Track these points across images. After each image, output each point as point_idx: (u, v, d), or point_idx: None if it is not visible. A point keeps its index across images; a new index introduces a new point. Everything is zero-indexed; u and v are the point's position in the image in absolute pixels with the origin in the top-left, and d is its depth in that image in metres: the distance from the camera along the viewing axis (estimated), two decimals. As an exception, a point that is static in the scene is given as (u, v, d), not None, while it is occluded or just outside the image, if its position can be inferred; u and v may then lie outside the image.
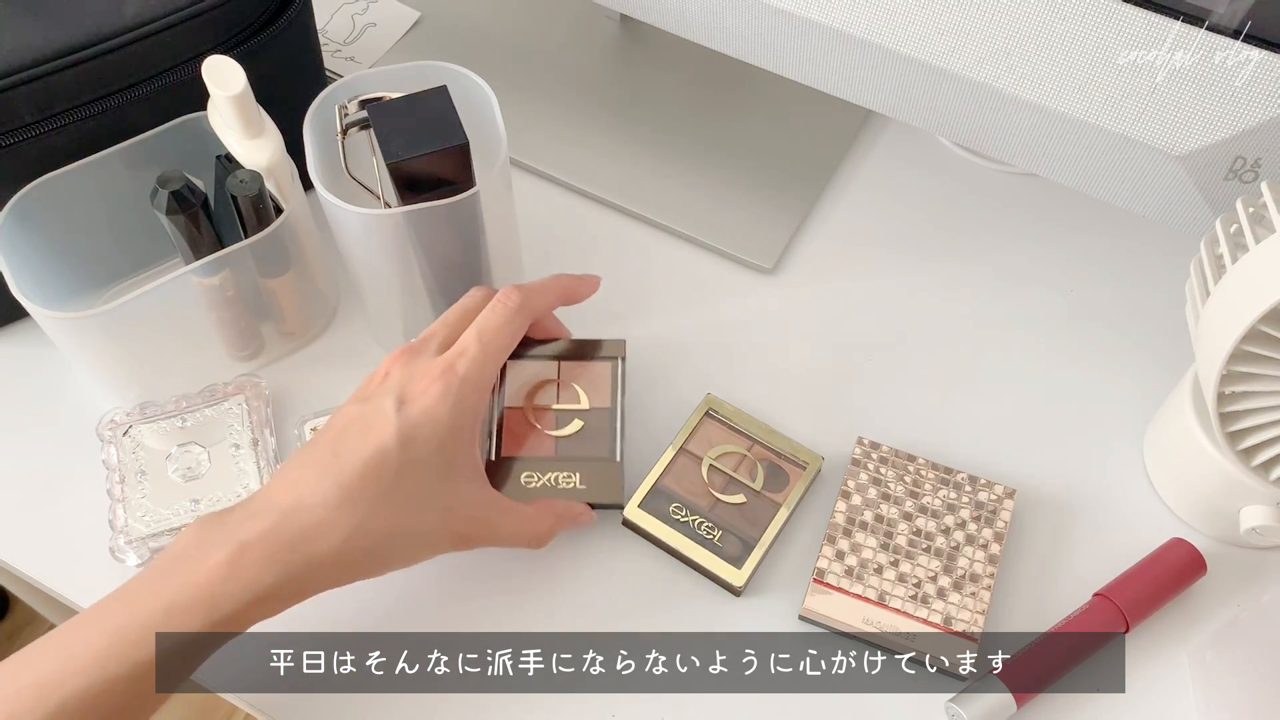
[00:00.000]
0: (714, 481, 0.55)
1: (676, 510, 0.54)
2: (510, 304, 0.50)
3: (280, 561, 0.43)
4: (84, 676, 0.40)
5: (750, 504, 0.55)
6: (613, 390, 0.55)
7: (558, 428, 0.53)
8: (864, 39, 0.52)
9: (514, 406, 0.54)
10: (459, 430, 0.46)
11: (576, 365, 0.55)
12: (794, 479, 0.56)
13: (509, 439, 0.53)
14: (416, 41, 0.74)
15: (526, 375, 0.55)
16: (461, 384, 0.47)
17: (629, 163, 0.68)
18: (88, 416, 0.57)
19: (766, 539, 0.53)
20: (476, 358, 0.48)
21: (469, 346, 0.48)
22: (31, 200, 0.54)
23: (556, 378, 0.55)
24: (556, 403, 0.54)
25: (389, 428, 0.45)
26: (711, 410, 0.57)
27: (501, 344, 0.49)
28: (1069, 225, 0.66)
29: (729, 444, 0.56)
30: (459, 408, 0.46)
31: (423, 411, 0.45)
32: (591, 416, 0.54)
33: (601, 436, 0.53)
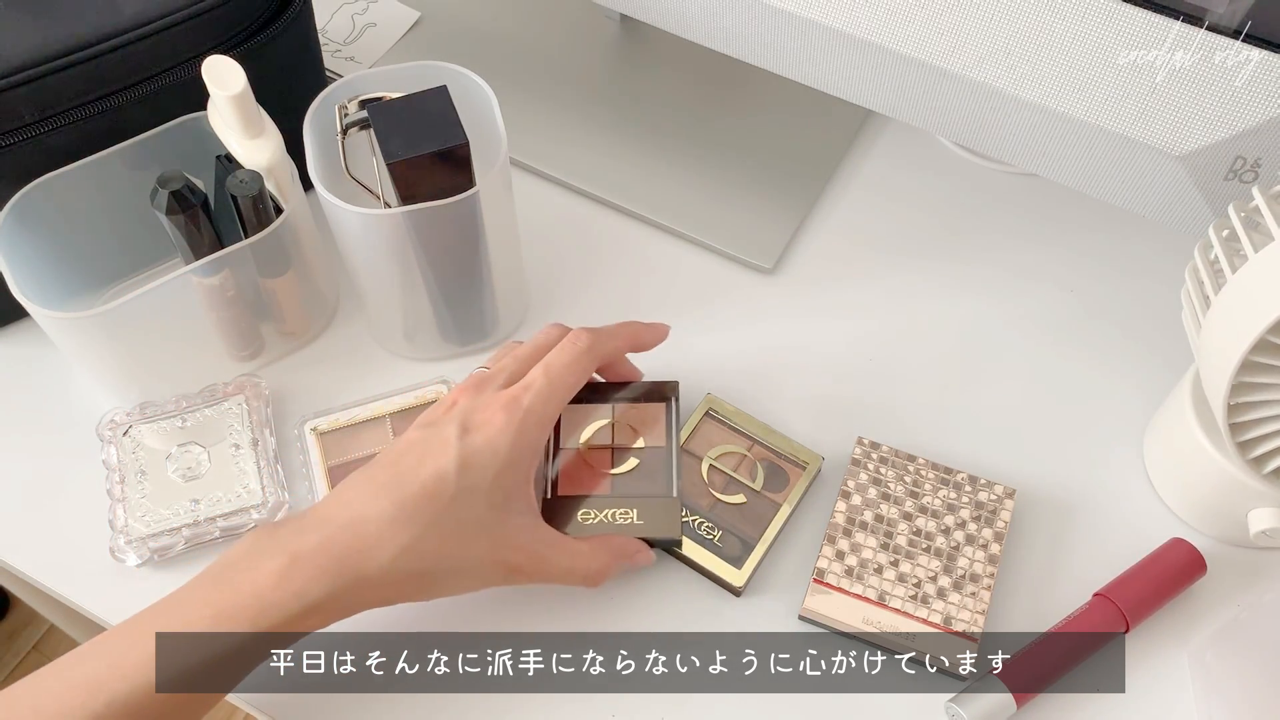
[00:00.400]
0: (714, 481, 0.55)
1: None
2: (580, 345, 0.50)
3: (330, 574, 0.43)
4: (132, 679, 0.41)
5: (750, 504, 0.55)
6: (667, 429, 0.55)
7: (614, 466, 0.54)
8: (864, 39, 0.52)
9: (570, 448, 0.55)
10: (517, 462, 0.47)
11: (631, 407, 0.56)
12: (794, 479, 0.55)
13: (565, 480, 0.54)
14: (416, 41, 0.74)
15: (582, 418, 0.55)
16: (525, 417, 0.47)
17: (629, 163, 0.68)
18: (88, 416, 0.57)
19: (766, 539, 0.53)
20: (542, 392, 0.48)
21: (535, 381, 0.48)
22: (31, 200, 0.54)
23: (612, 419, 0.55)
24: (612, 442, 0.55)
25: (450, 453, 0.45)
26: (711, 410, 0.57)
27: (568, 382, 0.49)
28: (1069, 225, 0.66)
29: (729, 444, 0.56)
30: (520, 440, 0.47)
31: (485, 440, 0.46)
32: (647, 455, 0.54)
33: (657, 474, 0.54)
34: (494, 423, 0.46)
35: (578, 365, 0.50)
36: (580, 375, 0.50)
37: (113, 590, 0.54)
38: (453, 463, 0.45)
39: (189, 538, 0.54)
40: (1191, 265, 0.49)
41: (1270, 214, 0.44)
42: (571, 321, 0.62)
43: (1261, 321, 0.42)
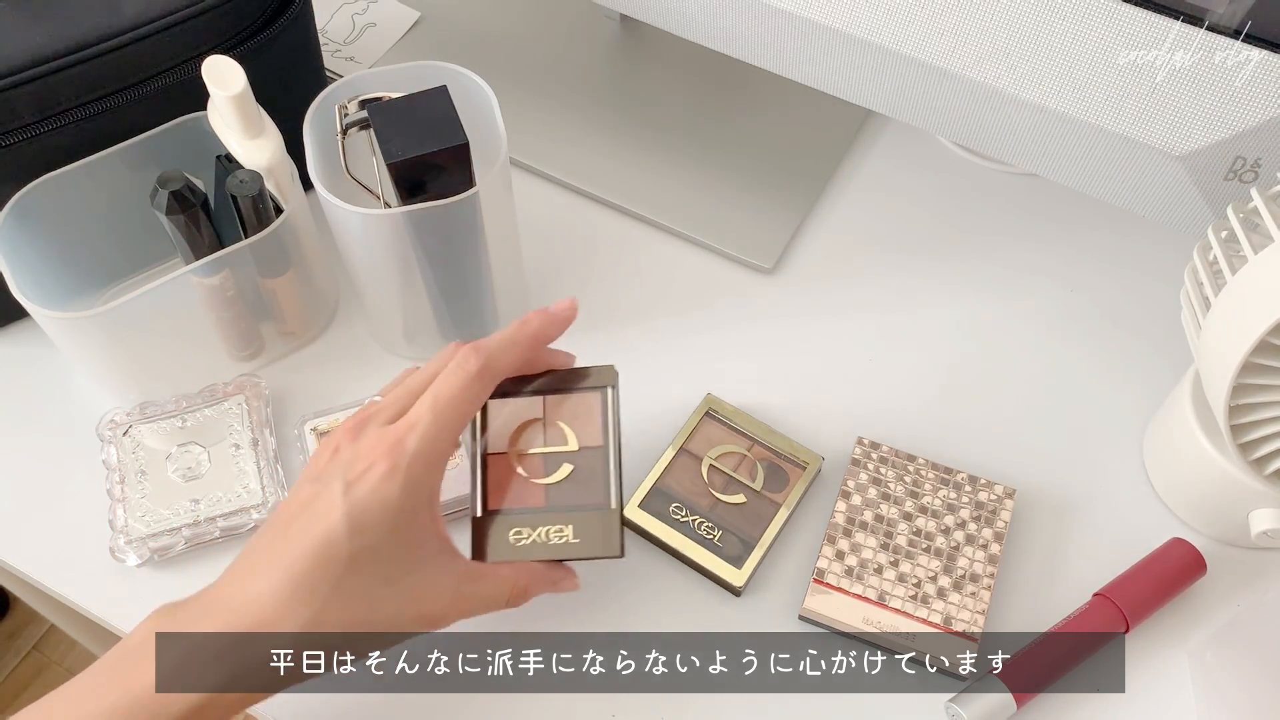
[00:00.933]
0: (714, 481, 0.55)
1: (676, 510, 0.54)
2: (469, 368, 0.45)
3: (227, 660, 0.40)
4: None
5: (750, 504, 0.55)
6: (604, 425, 0.49)
7: (546, 474, 0.48)
8: (864, 39, 0.52)
9: (498, 452, 0.49)
10: (413, 510, 0.42)
11: (562, 399, 0.49)
12: (794, 479, 0.55)
13: (494, 490, 0.48)
14: (416, 41, 0.74)
15: (509, 415, 0.49)
16: (411, 461, 0.42)
17: (629, 163, 0.68)
18: (88, 416, 0.57)
19: (766, 539, 0.53)
20: (427, 432, 0.43)
21: (420, 418, 0.43)
22: (31, 200, 0.54)
23: (542, 416, 0.49)
24: (544, 445, 0.49)
25: (336, 512, 0.41)
26: (711, 410, 0.57)
27: (457, 412, 0.44)
28: (1069, 225, 0.66)
29: (729, 444, 0.56)
30: (410, 486, 0.42)
31: (370, 493, 0.42)
32: (582, 458, 0.48)
33: (595, 480, 0.48)
34: (378, 471, 0.42)
35: (468, 393, 0.45)
36: (472, 403, 0.45)
37: (113, 590, 0.54)
38: (341, 524, 0.41)
39: (189, 538, 0.54)
40: (1191, 266, 0.49)
41: (1269, 215, 0.44)
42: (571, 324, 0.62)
43: (1262, 323, 0.42)
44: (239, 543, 0.55)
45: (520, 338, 0.47)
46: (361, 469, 0.42)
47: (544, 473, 0.48)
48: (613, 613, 0.53)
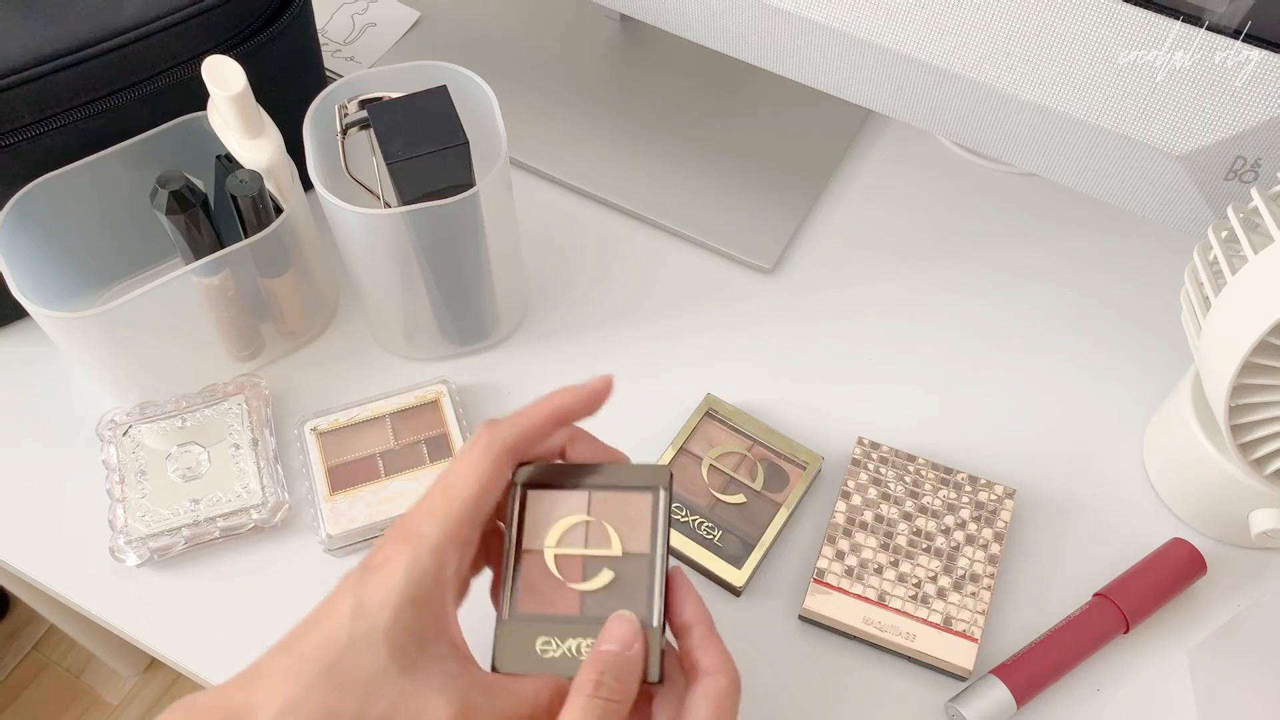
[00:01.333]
0: (714, 482, 0.55)
1: (677, 510, 0.54)
2: (479, 443, 0.42)
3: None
4: None
5: (750, 504, 0.55)
6: (652, 532, 0.43)
7: (585, 579, 0.43)
8: (864, 39, 0.52)
9: (533, 550, 0.44)
10: (420, 599, 0.39)
11: (609, 497, 0.44)
12: (794, 479, 0.56)
13: (526, 591, 0.43)
14: (416, 41, 0.74)
15: (550, 509, 0.44)
16: (417, 544, 0.39)
17: (629, 163, 0.68)
18: (88, 416, 0.57)
19: (766, 539, 0.53)
20: (435, 512, 0.40)
21: (433, 500, 0.41)
22: (31, 200, 0.54)
23: (587, 514, 0.44)
24: (585, 546, 0.43)
25: (346, 596, 0.39)
26: (711, 410, 0.57)
27: (467, 492, 0.41)
28: (1069, 225, 0.66)
29: (729, 444, 0.56)
30: (414, 571, 0.39)
31: (380, 578, 0.39)
32: (625, 565, 0.43)
33: (636, 591, 0.42)
34: (390, 557, 0.39)
35: (477, 469, 0.41)
36: (482, 480, 0.41)
37: (113, 590, 0.54)
38: (346, 605, 0.39)
39: (189, 538, 0.54)
40: (1191, 266, 0.49)
41: (1269, 215, 0.44)
42: (570, 322, 0.62)
43: (1262, 324, 0.42)
44: (239, 543, 0.55)
45: (540, 411, 0.44)
46: (380, 557, 0.40)
47: (581, 577, 0.43)
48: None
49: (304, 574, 0.54)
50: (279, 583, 0.54)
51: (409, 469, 0.56)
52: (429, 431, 0.57)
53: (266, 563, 0.55)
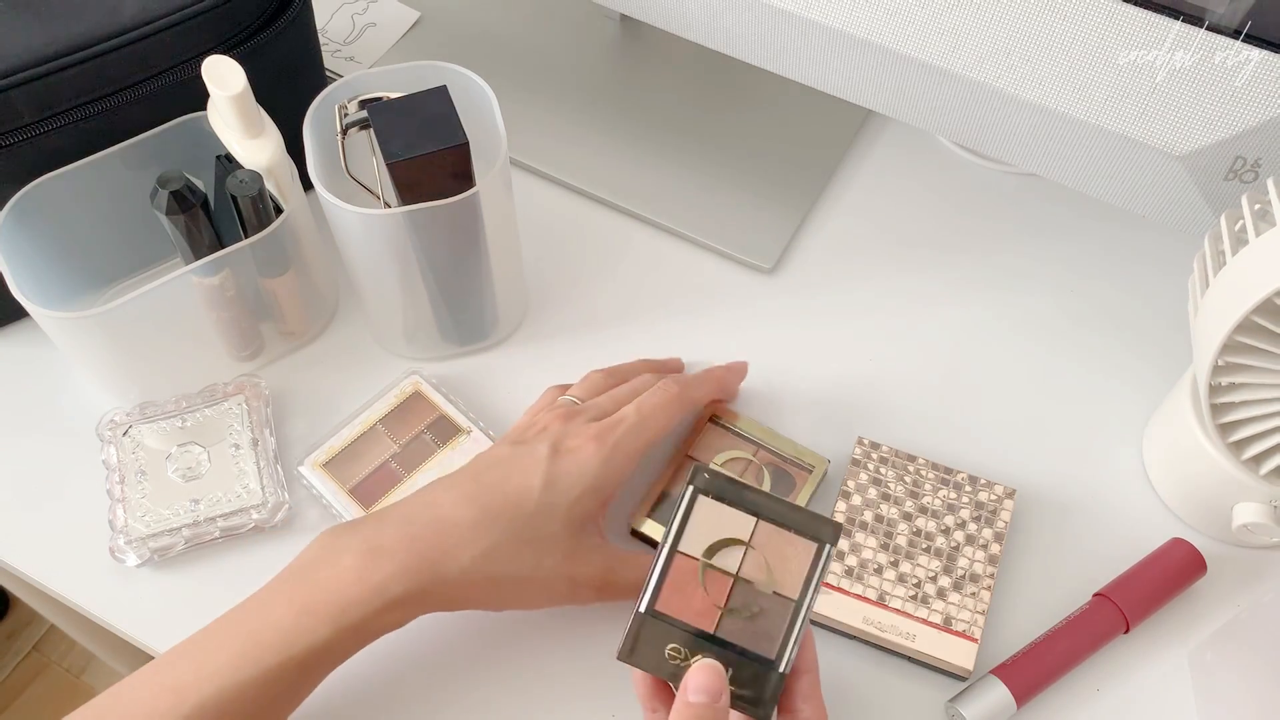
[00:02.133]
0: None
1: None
2: (671, 391, 0.52)
3: (411, 571, 0.44)
4: (218, 680, 0.42)
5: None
6: (807, 581, 0.44)
7: (729, 603, 0.43)
8: (864, 39, 0.52)
9: (688, 555, 0.44)
10: (600, 489, 0.48)
11: (775, 532, 0.44)
12: (800, 483, 0.55)
13: (671, 592, 0.44)
14: (416, 41, 0.74)
15: (716, 521, 0.45)
16: (614, 447, 0.49)
17: (629, 163, 0.68)
18: (88, 416, 0.57)
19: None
20: (633, 428, 0.50)
21: (628, 417, 0.50)
22: (31, 200, 0.54)
23: (749, 540, 0.44)
24: (736, 569, 0.44)
25: (539, 470, 0.47)
26: (715, 416, 0.57)
27: (658, 423, 0.51)
28: (1069, 225, 0.66)
29: (734, 449, 0.56)
30: (606, 468, 0.48)
31: (574, 464, 0.48)
32: (771, 604, 0.43)
33: (774, 633, 0.43)
34: (585, 450, 0.48)
35: (669, 409, 0.51)
36: (668, 419, 0.51)
37: (113, 590, 0.54)
38: (539, 478, 0.47)
39: (189, 538, 0.54)
40: (1200, 253, 0.49)
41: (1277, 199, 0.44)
42: (570, 322, 0.62)
43: (1249, 300, 0.43)
44: (239, 543, 0.55)
45: (709, 380, 0.55)
46: (572, 444, 0.49)
47: (726, 600, 0.43)
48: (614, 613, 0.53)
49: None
50: (279, 583, 0.54)
51: (423, 461, 0.56)
52: (425, 420, 0.57)
53: (266, 563, 0.54)
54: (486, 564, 0.45)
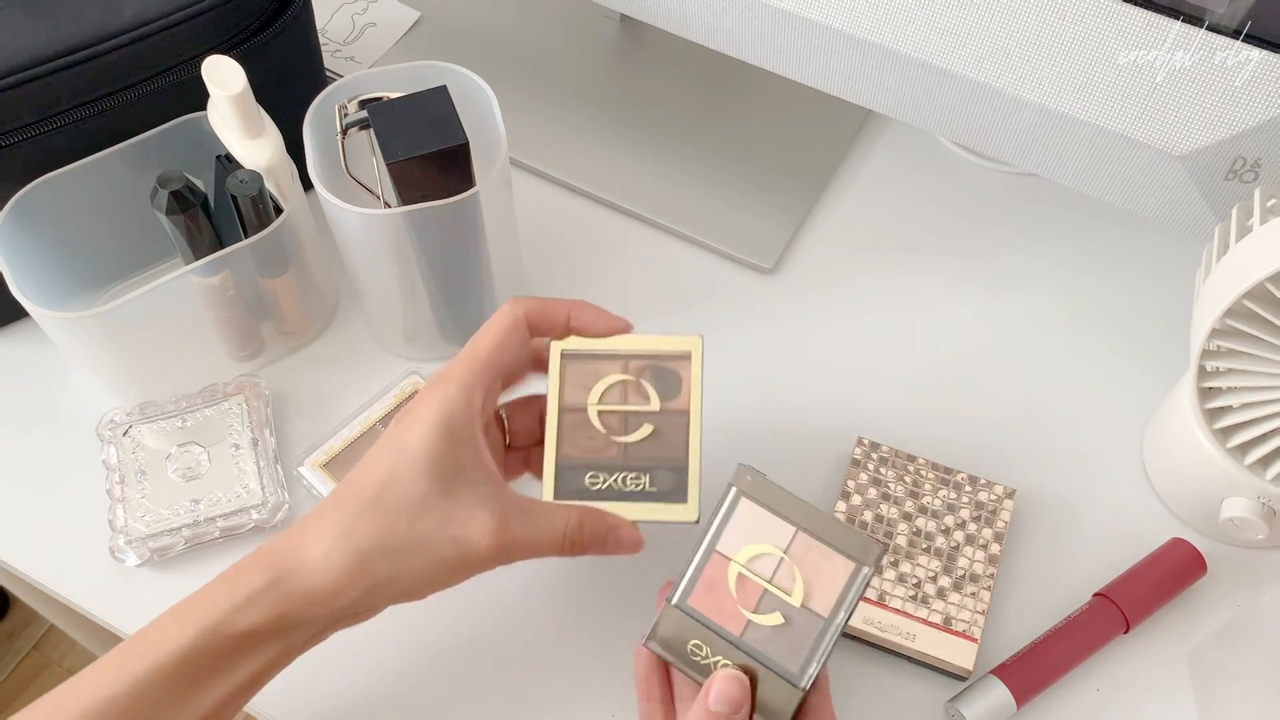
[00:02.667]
0: (610, 425, 0.48)
1: (593, 480, 0.48)
2: (502, 309, 0.48)
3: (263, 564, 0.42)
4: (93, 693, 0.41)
5: (659, 428, 0.48)
6: (840, 600, 0.43)
7: (757, 610, 0.44)
8: (864, 39, 0.52)
9: (724, 555, 0.45)
10: (452, 430, 0.44)
11: (815, 546, 0.44)
12: (684, 373, 0.49)
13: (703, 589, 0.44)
14: (416, 41, 0.74)
15: (757, 527, 0.45)
16: (445, 382, 0.45)
17: (629, 163, 0.68)
18: (88, 416, 0.57)
19: (694, 452, 0.48)
20: (462, 355, 0.46)
21: (462, 354, 0.47)
22: (31, 200, 0.54)
23: (785, 550, 0.44)
24: (770, 580, 0.44)
25: (386, 441, 0.45)
26: (565, 351, 0.49)
27: (490, 343, 0.46)
28: (1069, 225, 0.66)
29: (605, 376, 0.49)
30: (445, 407, 0.44)
31: (413, 416, 0.45)
32: (801, 617, 0.43)
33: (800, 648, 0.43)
34: (421, 400, 0.45)
35: (498, 324, 0.47)
36: (501, 332, 0.47)
37: (113, 590, 0.54)
38: (387, 447, 0.44)
39: (189, 538, 0.54)
40: (1208, 246, 0.49)
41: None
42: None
43: (1243, 283, 0.43)
44: (239, 542, 0.55)
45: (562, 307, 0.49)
46: (412, 405, 0.45)
47: (755, 607, 0.44)
48: (613, 610, 0.53)
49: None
50: (279, 583, 0.54)
51: None
52: None
53: (266, 563, 0.55)
54: (350, 540, 0.42)
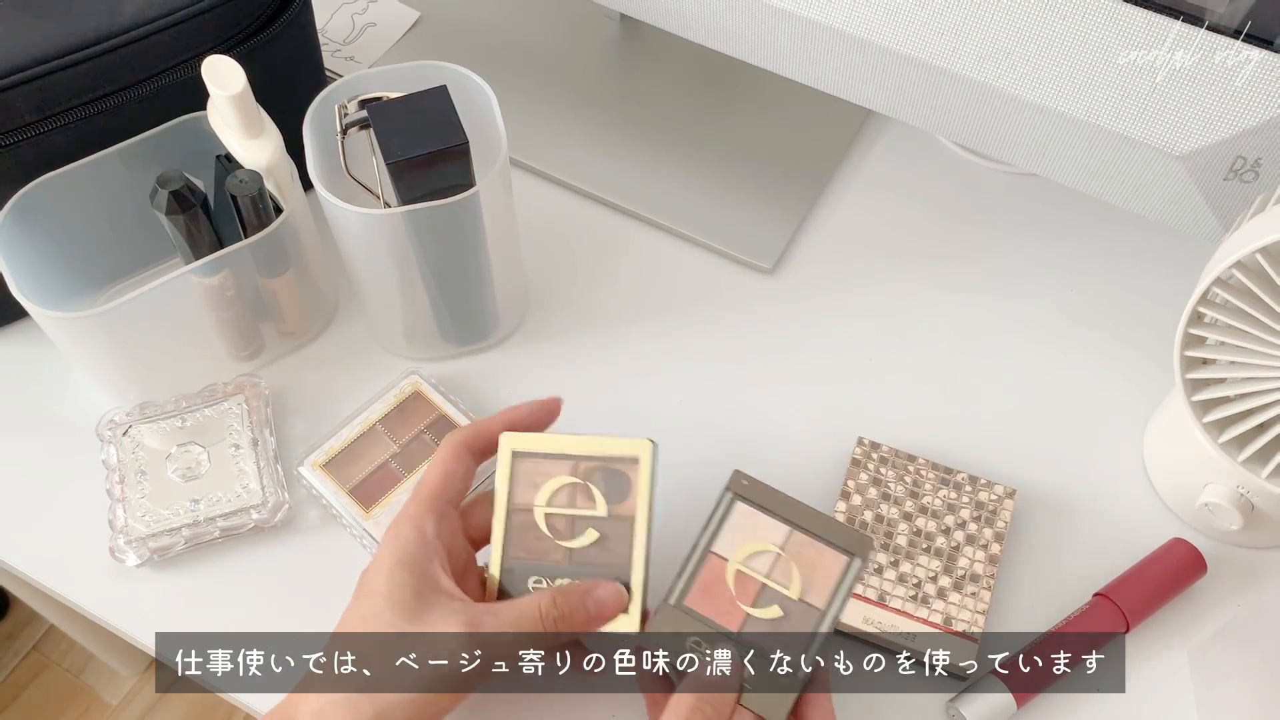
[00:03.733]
0: (556, 529, 0.47)
1: (537, 584, 0.47)
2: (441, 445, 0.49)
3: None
4: None
5: (605, 534, 0.47)
6: (834, 591, 0.45)
7: (755, 604, 0.45)
8: (864, 39, 0.52)
9: (720, 556, 0.46)
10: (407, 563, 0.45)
11: (808, 542, 0.46)
12: (634, 476, 0.47)
13: (700, 590, 0.46)
14: (416, 41, 0.74)
15: (751, 529, 0.47)
16: (398, 525, 0.47)
17: (629, 163, 0.68)
18: (88, 416, 0.57)
19: (637, 564, 0.46)
20: (415, 498, 0.47)
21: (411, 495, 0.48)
22: (31, 200, 0.54)
23: (780, 547, 0.46)
24: (766, 575, 0.45)
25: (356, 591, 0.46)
26: (516, 450, 0.48)
27: (433, 478, 0.48)
28: (1069, 225, 0.66)
29: (553, 477, 0.48)
30: (398, 542, 0.46)
31: (372, 564, 0.46)
32: (797, 610, 0.45)
33: (799, 638, 0.44)
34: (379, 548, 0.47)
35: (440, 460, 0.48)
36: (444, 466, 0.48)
37: (113, 590, 0.54)
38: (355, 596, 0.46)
39: (189, 538, 0.54)
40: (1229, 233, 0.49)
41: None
42: (570, 322, 0.62)
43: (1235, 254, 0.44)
44: (238, 542, 0.55)
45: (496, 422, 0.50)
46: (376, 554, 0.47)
47: (753, 601, 0.45)
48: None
49: (304, 574, 0.54)
50: (279, 583, 0.54)
51: (423, 461, 0.56)
52: (425, 420, 0.57)
53: (266, 563, 0.55)
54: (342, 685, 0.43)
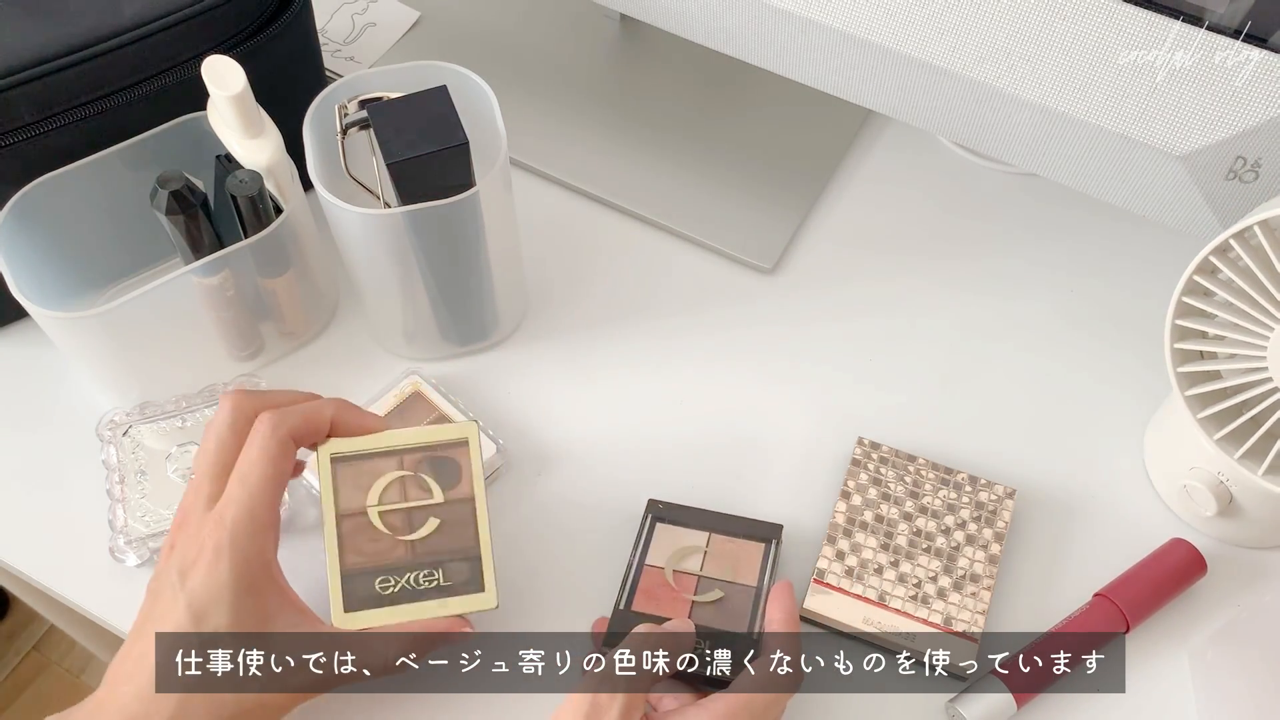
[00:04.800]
0: (394, 524, 0.47)
1: (384, 584, 0.47)
2: (263, 432, 0.45)
3: None
4: None
5: (445, 520, 0.47)
6: (761, 570, 0.53)
7: (698, 593, 0.52)
8: (864, 39, 0.52)
9: (655, 566, 0.53)
10: (250, 582, 0.44)
11: (728, 541, 0.53)
12: (463, 460, 0.48)
13: (643, 596, 0.52)
14: (416, 41, 0.74)
15: (678, 539, 0.53)
16: (233, 536, 0.43)
17: (629, 163, 0.68)
18: (88, 416, 0.57)
19: (485, 542, 0.47)
20: (242, 501, 0.44)
21: (233, 492, 0.45)
22: (31, 200, 0.54)
23: (705, 547, 0.53)
24: (700, 570, 0.52)
25: (179, 606, 0.43)
26: (335, 455, 0.48)
27: (264, 476, 0.45)
28: (1069, 225, 0.66)
29: (379, 475, 0.48)
30: (237, 560, 0.43)
31: (204, 578, 0.43)
32: (735, 592, 0.52)
33: (743, 612, 0.51)
34: (205, 555, 0.43)
35: (266, 454, 0.45)
36: (273, 462, 0.45)
37: (112, 590, 0.54)
38: (185, 616, 0.43)
39: (189, 538, 0.54)
40: None
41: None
42: (570, 322, 0.62)
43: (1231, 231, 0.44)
44: (239, 543, 0.55)
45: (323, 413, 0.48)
46: (193, 557, 0.44)
47: (695, 591, 0.52)
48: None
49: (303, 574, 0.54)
50: (279, 583, 0.54)
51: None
52: (425, 420, 0.57)
53: (266, 563, 0.55)
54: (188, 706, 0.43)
